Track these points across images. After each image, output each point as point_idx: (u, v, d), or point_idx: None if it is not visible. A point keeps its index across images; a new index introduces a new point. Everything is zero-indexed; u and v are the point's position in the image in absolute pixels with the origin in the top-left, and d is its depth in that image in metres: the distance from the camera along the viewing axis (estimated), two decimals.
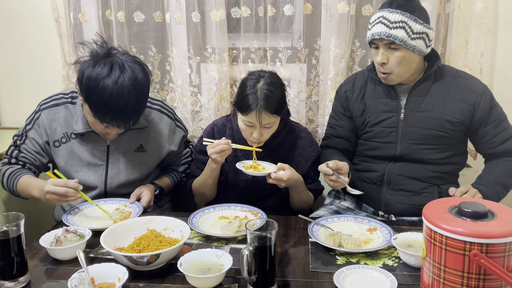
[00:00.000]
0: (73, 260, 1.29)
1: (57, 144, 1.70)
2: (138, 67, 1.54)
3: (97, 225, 1.50)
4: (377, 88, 1.72)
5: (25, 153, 1.70)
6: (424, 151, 1.66)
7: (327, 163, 1.51)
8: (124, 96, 1.48)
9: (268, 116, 1.61)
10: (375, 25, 1.57)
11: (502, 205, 1.01)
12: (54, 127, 1.70)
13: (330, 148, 1.82)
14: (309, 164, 1.80)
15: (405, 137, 1.66)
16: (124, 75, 1.49)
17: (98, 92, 1.47)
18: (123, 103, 1.48)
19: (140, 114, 1.61)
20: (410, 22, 1.53)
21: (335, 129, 1.82)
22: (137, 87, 1.52)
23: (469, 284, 0.93)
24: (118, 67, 1.50)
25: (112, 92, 1.46)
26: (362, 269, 1.20)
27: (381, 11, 1.59)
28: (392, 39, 1.54)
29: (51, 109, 1.71)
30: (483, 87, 1.66)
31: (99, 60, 1.51)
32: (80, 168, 1.71)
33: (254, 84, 1.62)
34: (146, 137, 1.77)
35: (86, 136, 1.70)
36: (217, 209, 1.63)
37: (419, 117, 1.65)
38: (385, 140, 1.70)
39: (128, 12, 2.23)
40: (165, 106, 1.85)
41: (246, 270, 1.11)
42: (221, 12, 2.13)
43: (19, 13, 2.36)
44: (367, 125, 1.73)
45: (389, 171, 1.70)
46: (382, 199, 1.72)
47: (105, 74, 1.47)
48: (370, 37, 1.60)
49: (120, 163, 1.74)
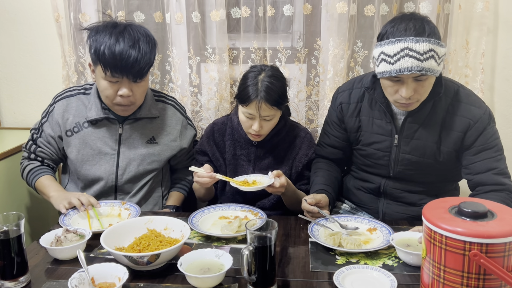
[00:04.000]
0: (73, 260, 1.29)
1: (69, 134, 1.75)
2: (143, 28, 1.68)
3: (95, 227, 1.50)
4: (373, 107, 1.63)
5: (42, 147, 1.77)
6: (417, 175, 1.62)
7: (305, 199, 1.52)
8: (133, 40, 1.59)
9: (268, 108, 1.61)
10: (401, 58, 1.38)
11: (502, 205, 1.01)
12: (67, 117, 1.75)
13: (321, 162, 1.79)
14: (303, 162, 1.78)
15: (398, 163, 1.62)
16: (130, 28, 1.63)
17: (108, 42, 1.57)
18: (132, 47, 1.58)
19: (150, 65, 1.65)
20: (436, 49, 1.39)
21: (329, 138, 1.78)
22: (146, 36, 1.63)
23: (469, 284, 0.93)
24: (124, 25, 1.65)
25: (119, 39, 1.57)
26: (362, 269, 1.20)
27: (401, 41, 1.39)
28: (424, 72, 1.38)
29: (64, 99, 1.77)
30: (481, 113, 1.51)
31: (106, 24, 1.64)
32: (91, 158, 1.75)
33: (255, 76, 1.64)
34: (158, 130, 1.80)
35: (99, 124, 1.74)
36: (217, 209, 1.63)
37: (413, 145, 1.58)
38: (378, 162, 1.65)
39: (128, 12, 2.23)
40: (179, 103, 1.92)
41: (246, 270, 1.11)
42: (221, 12, 2.13)
43: (19, 13, 2.36)
44: (360, 143, 1.69)
45: (385, 185, 1.67)
46: (380, 208, 1.71)
47: (112, 26, 1.62)
48: (396, 72, 1.40)
49: (131, 153, 1.76)
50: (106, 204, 1.64)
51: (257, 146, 1.77)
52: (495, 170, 1.49)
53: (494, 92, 2.20)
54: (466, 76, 2.10)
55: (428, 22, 1.43)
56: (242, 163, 1.80)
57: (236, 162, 1.79)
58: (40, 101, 1.84)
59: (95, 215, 1.56)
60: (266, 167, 1.77)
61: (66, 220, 1.51)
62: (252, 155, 1.78)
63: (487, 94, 2.18)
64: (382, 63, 1.44)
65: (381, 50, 1.44)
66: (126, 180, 1.76)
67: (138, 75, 1.62)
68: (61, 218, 1.52)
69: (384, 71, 1.44)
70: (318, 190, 1.62)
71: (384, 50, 1.43)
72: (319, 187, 1.64)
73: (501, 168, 1.50)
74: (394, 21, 1.45)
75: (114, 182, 1.75)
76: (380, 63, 1.45)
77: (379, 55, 1.45)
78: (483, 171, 1.50)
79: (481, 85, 2.10)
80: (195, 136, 1.93)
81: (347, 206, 1.82)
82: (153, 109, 1.79)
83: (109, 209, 1.62)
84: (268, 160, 1.78)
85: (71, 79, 2.29)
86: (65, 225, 1.44)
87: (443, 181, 1.65)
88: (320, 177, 1.69)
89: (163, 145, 1.80)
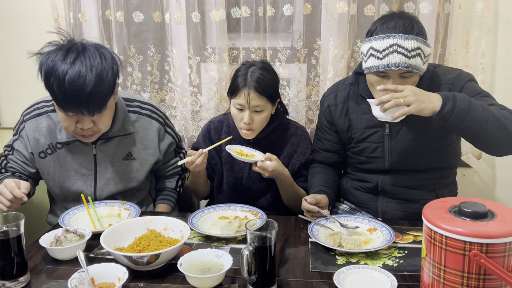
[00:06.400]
0: (73, 260, 1.29)
1: (43, 155, 1.64)
2: (101, 50, 1.47)
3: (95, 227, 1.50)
4: (359, 103, 1.66)
5: (12, 163, 1.67)
6: (413, 162, 1.63)
7: (305, 199, 1.52)
8: (82, 76, 1.38)
9: (257, 97, 1.63)
10: (390, 54, 1.43)
11: (502, 205, 1.01)
12: (38, 138, 1.63)
13: (317, 167, 1.80)
14: (301, 161, 1.79)
15: (392, 152, 1.63)
16: (82, 56, 1.41)
17: (55, 75, 1.39)
18: (81, 83, 1.38)
19: (105, 97, 1.45)
20: (423, 48, 1.44)
21: (323, 142, 1.79)
22: (97, 67, 1.42)
23: (469, 284, 0.93)
24: (76, 50, 1.43)
25: (69, 72, 1.38)
26: (362, 269, 1.20)
27: (390, 37, 1.43)
28: (410, 69, 1.43)
29: (34, 119, 1.65)
30: (455, 75, 1.56)
31: (58, 49, 1.45)
32: (69, 178, 1.66)
33: (246, 69, 1.68)
34: (134, 144, 1.68)
35: (71, 146, 1.63)
36: (217, 209, 1.63)
37: (404, 130, 1.61)
38: (372, 155, 1.67)
39: (127, 12, 2.23)
40: (156, 110, 1.75)
41: (246, 270, 1.11)
42: (221, 12, 2.13)
43: (19, 13, 2.36)
44: (353, 140, 1.70)
45: (382, 182, 1.68)
46: (379, 207, 1.71)
47: (60, 57, 1.41)
48: (383, 67, 1.44)
49: (108, 172, 1.66)
50: (106, 204, 1.64)
51: (254, 144, 1.77)
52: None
53: (494, 92, 2.20)
54: None
55: (417, 22, 1.48)
56: (238, 161, 1.80)
57: (233, 160, 1.80)
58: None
59: (95, 215, 1.56)
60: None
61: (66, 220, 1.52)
62: None
63: None
64: (370, 58, 1.48)
65: (370, 45, 1.48)
66: (106, 197, 1.67)
67: (96, 110, 1.44)
68: (61, 218, 1.52)
69: (372, 65, 1.48)
70: (317, 191, 1.62)
71: (373, 45, 1.47)
72: (318, 189, 1.64)
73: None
74: (384, 19, 1.50)
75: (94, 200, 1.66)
76: (368, 58, 1.49)
77: (368, 50, 1.49)
78: None
79: (481, 85, 2.09)
80: (172, 144, 1.79)
81: (346, 207, 1.82)
82: (126, 124, 1.65)
83: (109, 209, 1.62)
84: None
85: None
86: (65, 225, 1.44)
87: (438, 169, 1.65)
88: (318, 180, 1.71)
89: (140, 160, 1.70)
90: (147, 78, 2.33)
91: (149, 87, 2.34)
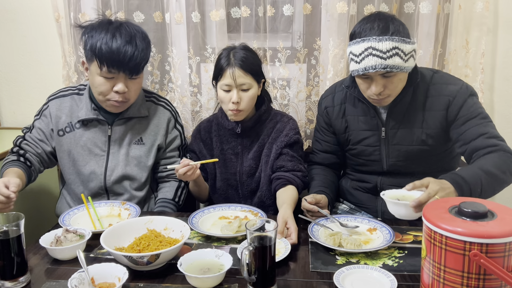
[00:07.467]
0: (73, 260, 1.29)
1: (61, 133, 1.75)
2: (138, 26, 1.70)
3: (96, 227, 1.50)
4: (356, 105, 1.68)
5: (29, 140, 1.76)
6: (410, 166, 1.63)
7: (305, 199, 1.52)
8: (133, 36, 1.61)
9: (243, 74, 1.66)
10: (365, 58, 1.45)
11: (502, 205, 1.01)
12: (60, 116, 1.75)
13: (316, 168, 1.80)
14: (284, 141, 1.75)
15: (389, 155, 1.64)
16: (126, 24, 1.65)
17: (105, 37, 1.58)
18: (129, 42, 1.59)
19: (146, 61, 1.67)
20: (401, 46, 1.44)
21: (321, 144, 1.80)
22: (141, 33, 1.65)
23: (469, 284, 0.93)
24: (119, 22, 1.66)
25: (116, 35, 1.58)
26: (362, 269, 1.20)
27: (365, 40, 1.46)
28: (389, 69, 1.45)
29: (58, 99, 1.78)
30: (458, 88, 1.56)
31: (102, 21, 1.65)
32: (83, 157, 1.75)
33: (228, 52, 1.71)
34: (145, 130, 1.79)
35: (89, 125, 1.75)
36: (217, 209, 1.63)
37: (400, 134, 1.61)
38: (369, 158, 1.68)
39: (127, 12, 2.23)
40: (171, 105, 1.89)
41: (246, 270, 1.11)
42: (221, 12, 2.13)
43: (19, 13, 2.36)
44: (349, 142, 1.71)
45: (381, 183, 1.69)
46: (379, 207, 1.71)
47: (107, 23, 1.63)
48: (362, 71, 1.47)
49: (120, 155, 1.75)
50: (106, 204, 1.64)
51: (242, 136, 1.79)
52: (486, 135, 1.49)
53: (494, 92, 2.20)
54: (466, 76, 2.10)
55: (393, 21, 1.48)
56: (230, 157, 1.82)
57: (224, 157, 1.82)
58: (40, 101, 1.83)
59: (95, 215, 1.56)
60: (253, 157, 1.79)
61: (66, 220, 1.52)
62: (239, 147, 1.81)
63: (487, 94, 2.18)
64: (351, 62, 1.52)
65: (350, 50, 1.52)
66: (114, 181, 1.74)
67: (134, 71, 1.62)
68: (61, 218, 1.52)
69: (353, 69, 1.52)
70: (317, 191, 1.62)
71: (351, 50, 1.51)
72: (317, 189, 1.65)
73: (491, 132, 1.50)
74: (362, 21, 1.52)
75: (104, 182, 1.74)
76: (350, 62, 1.53)
77: (348, 55, 1.54)
78: (474, 137, 1.50)
79: (481, 85, 2.09)
80: (176, 138, 1.85)
81: (345, 207, 1.82)
82: (142, 108, 1.78)
83: (109, 209, 1.62)
84: (254, 149, 1.79)
85: (71, 79, 2.29)
86: (65, 225, 1.44)
87: (436, 171, 1.64)
88: (317, 180, 1.72)
89: (148, 145, 1.78)
90: (148, 78, 2.33)
91: (149, 87, 2.34)
